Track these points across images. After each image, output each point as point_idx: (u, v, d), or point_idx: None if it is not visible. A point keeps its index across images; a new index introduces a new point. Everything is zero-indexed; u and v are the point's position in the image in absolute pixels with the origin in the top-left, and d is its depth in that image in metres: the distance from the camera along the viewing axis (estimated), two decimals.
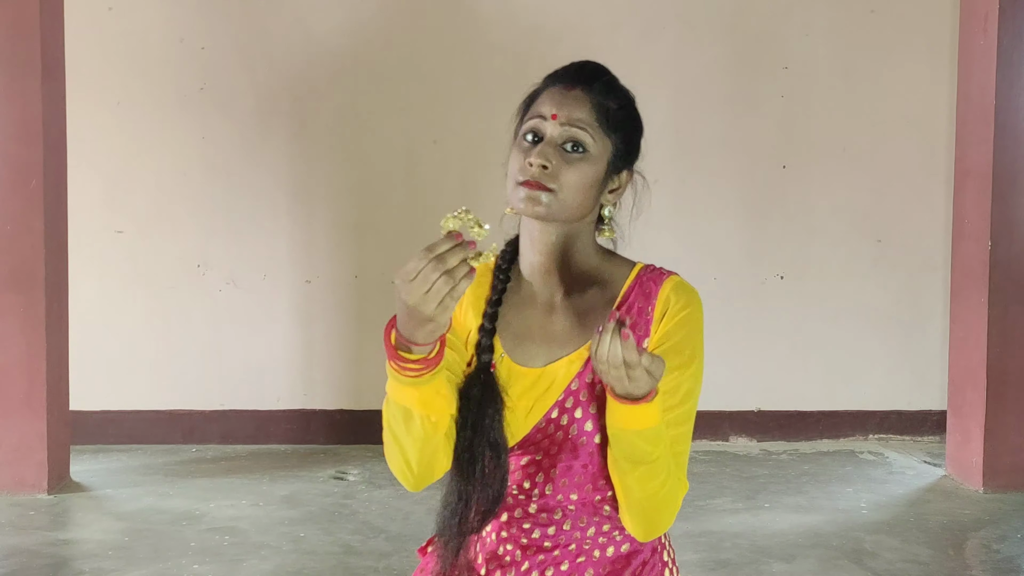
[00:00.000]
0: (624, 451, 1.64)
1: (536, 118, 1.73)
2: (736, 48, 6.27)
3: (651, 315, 1.74)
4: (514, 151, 1.74)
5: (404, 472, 1.71)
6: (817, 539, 4.68)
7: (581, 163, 1.71)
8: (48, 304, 5.14)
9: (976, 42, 5.44)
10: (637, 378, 1.54)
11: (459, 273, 1.48)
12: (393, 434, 1.67)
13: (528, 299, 1.79)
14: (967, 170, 5.54)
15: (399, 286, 1.49)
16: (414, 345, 1.54)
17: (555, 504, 1.75)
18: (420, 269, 1.47)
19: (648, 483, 1.65)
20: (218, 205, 6.13)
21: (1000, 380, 5.38)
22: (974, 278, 5.45)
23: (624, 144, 1.76)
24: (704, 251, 6.25)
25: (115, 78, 6.05)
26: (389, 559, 4.37)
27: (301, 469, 5.69)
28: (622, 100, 1.77)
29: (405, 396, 1.60)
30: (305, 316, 6.20)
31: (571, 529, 1.74)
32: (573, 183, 1.70)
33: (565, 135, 1.71)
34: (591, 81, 1.75)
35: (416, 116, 6.16)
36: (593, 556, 1.75)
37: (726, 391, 6.21)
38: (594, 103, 1.73)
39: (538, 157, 1.68)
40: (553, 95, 1.74)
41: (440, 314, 1.49)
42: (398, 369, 1.57)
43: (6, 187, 5.10)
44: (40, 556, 4.38)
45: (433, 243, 1.48)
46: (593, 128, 1.71)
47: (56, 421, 5.23)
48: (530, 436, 1.74)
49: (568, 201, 1.70)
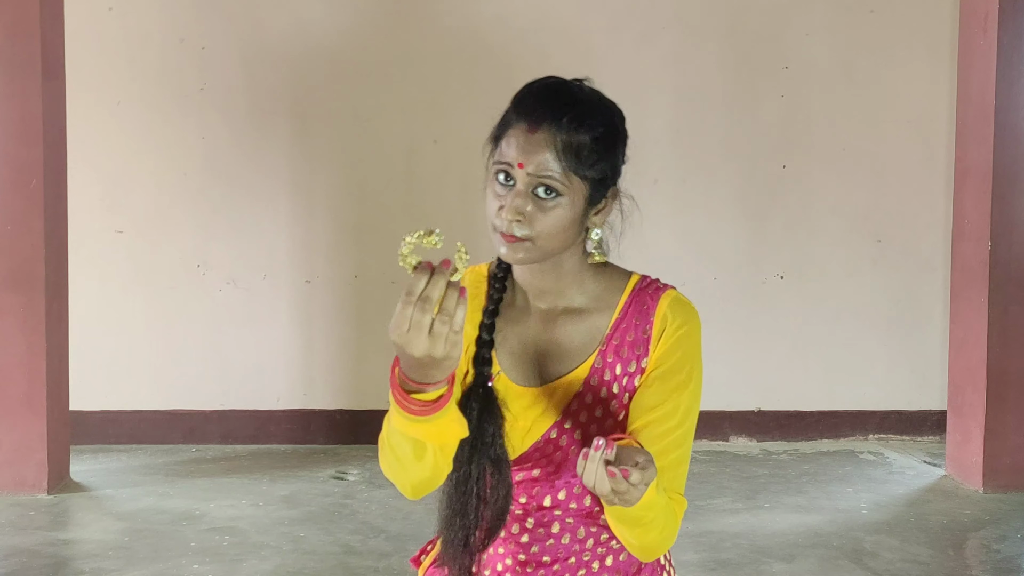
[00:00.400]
0: (617, 516, 1.61)
1: (504, 165, 1.65)
2: (736, 48, 6.27)
3: (649, 333, 1.71)
4: (488, 188, 1.67)
5: (404, 487, 1.69)
6: (817, 539, 4.67)
7: (555, 209, 1.63)
8: (48, 304, 5.14)
9: (976, 42, 5.44)
10: (630, 499, 1.49)
11: (451, 304, 1.41)
12: (397, 458, 1.61)
13: (523, 313, 1.76)
14: (967, 170, 5.54)
15: (397, 341, 1.42)
16: (428, 386, 1.47)
17: (552, 518, 1.73)
18: (409, 317, 1.40)
19: (645, 536, 1.64)
20: (218, 205, 6.13)
21: (1000, 380, 5.38)
22: (974, 278, 5.45)
23: (600, 176, 1.67)
24: (704, 251, 6.25)
25: (115, 78, 6.05)
26: (389, 559, 4.37)
27: (301, 469, 5.69)
28: (596, 130, 1.65)
29: (417, 431, 1.53)
30: (305, 316, 6.20)
31: (570, 543, 1.73)
32: (548, 229, 1.63)
33: (534, 183, 1.62)
34: (558, 117, 1.63)
35: (416, 116, 6.16)
36: (592, 568, 1.74)
37: (726, 391, 6.21)
38: (562, 145, 1.62)
39: (509, 212, 1.62)
40: (518, 138, 1.63)
41: (451, 350, 1.42)
42: (409, 411, 1.49)
43: (6, 187, 5.10)
44: (40, 556, 4.38)
45: (409, 285, 1.41)
46: (562, 174, 1.62)
47: (56, 421, 5.23)
48: (528, 454, 1.72)
49: (547, 245, 1.65)
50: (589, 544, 1.74)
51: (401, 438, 1.57)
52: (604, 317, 1.73)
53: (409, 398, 1.48)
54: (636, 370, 1.71)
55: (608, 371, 1.72)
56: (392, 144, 6.17)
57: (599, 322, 1.73)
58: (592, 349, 1.73)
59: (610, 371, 1.72)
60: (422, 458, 1.59)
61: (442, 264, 1.42)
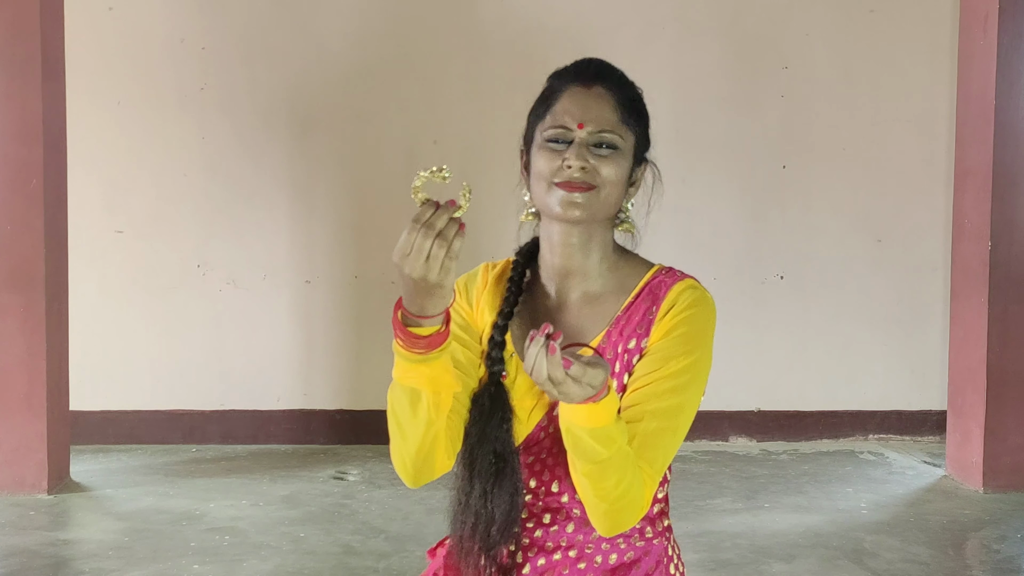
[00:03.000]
0: (572, 445, 1.60)
1: (560, 128, 1.72)
2: (736, 48, 6.27)
3: (655, 314, 1.73)
4: (538, 154, 1.74)
5: (404, 463, 1.70)
6: (817, 539, 4.67)
7: (614, 158, 1.74)
8: (48, 304, 5.14)
9: (976, 42, 5.44)
10: (566, 392, 1.50)
11: (450, 233, 1.54)
12: (397, 421, 1.68)
13: (542, 298, 1.80)
14: (967, 170, 5.54)
15: (398, 263, 1.54)
16: (424, 319, 1.58)
17: (560, 505, 1.74)
18: (413, 241, 1.53)
19: (600, 482, 1.60)
20: (218, 205, 6.13)
21: (1000, 380, 5.37)
22: (974, 278, 5.45)
23: (644, 129, 1.82)
24: (704, 251, 6.25)
25: (115, 78, 6.05)
26: (389, 559, 4.37)
27: (301, 469, 5.69)
28: (636, 92, 1.82)
29: (414, 375, 1.62)
30: (305, 316, 6.20)
31: (574, 532, 1.74)
32: (611, 178, 1.73)
33: (594, 139, 1.73)
34: (611, 73, 1.79)
35: (416, 116, 6.16)
36: (595, 561, 1.74)
37: (726, 391, 6.21)
38: (616, 99, 1.76)
39: (577, 159, 1.70)
40: (574, 97, 1.74)
41: (444, 277, 1.54)
42: (408, 346, 1.60)
43: (6, 187, 5.10)
44: (40, 556, 4.38)
45: (416, 214, 1.54)
46: (618, 126, 1.75)
47: (56, 421, 5.23)
48: (534, 435, 1.74)
49: (607, 197, 1.73)
50: (594, 537, 1.74)
51: (400, 393, 1.65)
52: (618, 301, 1.77)
53: (407, 332, 1.59)
54: (636, 348, 1.73)
55: (611, 350, 1.74)
56: (392, 144, 6.17)
57: (612, 306, 1.77)
58: (600, 330, 1.76)
59: (612, 350, 1.74)
60: (416, 411, 1.65)
61: (448, 203, 1.56)
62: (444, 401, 1.66)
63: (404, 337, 1.60)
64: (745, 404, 6.33)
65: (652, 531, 1.77)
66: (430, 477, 1.73)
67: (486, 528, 1.69)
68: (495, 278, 1.84)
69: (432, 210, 1.55)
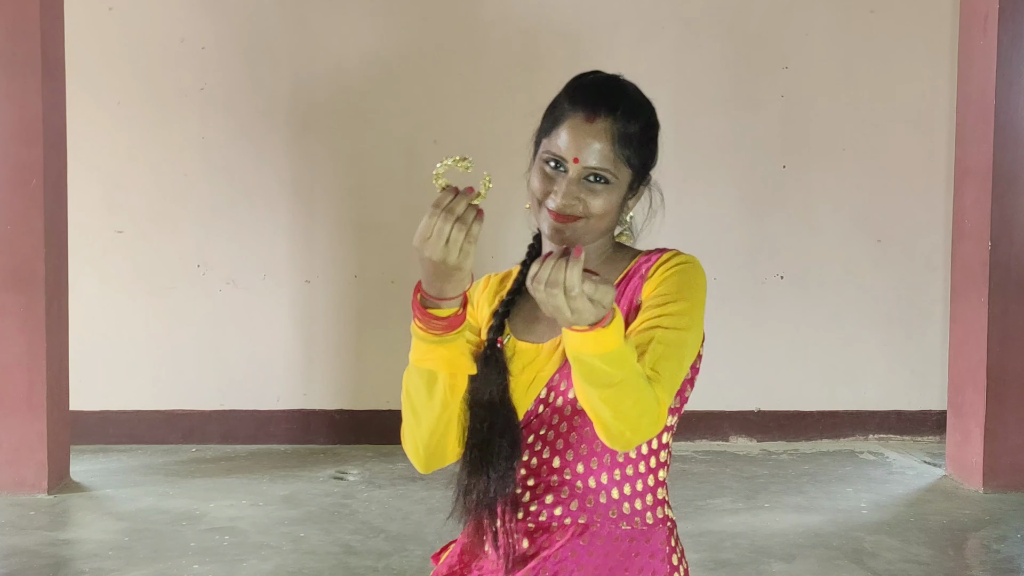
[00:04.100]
0: (586, 375, 1.58)
1: (558, 156, 1.76)
2: (736, 48, 6.27)
3: (645, 276, 1.78)
4: (536, 169, 1.79)
5: (416, 448, 1.77)
6: (817, 539, 4.67)
7: (606, 192, 1.76)
8: (48, 304, 5.14)
9: (976, 42, 5.44)
10: (578, 309, 1.49)
11: (469, 217, 1.58)
12: (412, 406, 1.74)
13: None
14: (967, 169, 5.54)
15: (419, 247, 1.59)
16: (443, 301, 1.64)
17: (562, 481, 1.76)
18: (433, 225, 1.57)
19: (618, 405, 1.59)
20: (218, 205, 6.13)
21: (1000, 380, 5.37)
22: (974, 278, 5.45)
23: (643, 163, 1.82)
24: (704, 251, 6.18)
25: (115, 78, 6.05)
26: (389, 559, 4.37)
27: (301, 469, 5.69)
28: (643, 120, 1.80)
29: (432, 357, 1.68)
30: (305, 316, 6.20)
31: (577, 510, 1.75)
32: (599, 210, 1.76)
33: (588, 174, 1.75)
34: (614, 108, 1.76)
35: (416, 116, 6.16)
36: (598, 539, 1.75)
37: (726, 391, 6.21)
38: (615, 134, 1.75)
39: (565, 197, 1.74)
40: (576, 130, 1.75)
41: (463, 260, 1.58)
42: (427, 327, 1.65)
43: (6, 187, 5.10)
44: (40, 556, 4.38)
45: (437, 199, 1.58)
46: (613, 163, 1.76)
47: (56, 421, 5.23)
48: (533, 410, 1.77)
49: (595, 224, 1.77)
50: (597, 517, 1.75)
51: (416, 376, 1.72)
52: (612, 276, 1.81)
53: (427, 313, 1.65)
54: (631, 308, 1.77)
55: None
56: (392, 144, 6.17)
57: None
58: None
59: None
60: (432, 394, 1.72)
61: (467, 189, 1.60)
62: (459, 384, 1.72)
63: (423, 318, 1.65)
64: (745, 404, 6.33)
65: (653, 517, 1.78)
66: (441, 463, 1.80)
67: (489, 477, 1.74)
68: (498, 280, 1.92)
69: (452, 196, 1.59)
